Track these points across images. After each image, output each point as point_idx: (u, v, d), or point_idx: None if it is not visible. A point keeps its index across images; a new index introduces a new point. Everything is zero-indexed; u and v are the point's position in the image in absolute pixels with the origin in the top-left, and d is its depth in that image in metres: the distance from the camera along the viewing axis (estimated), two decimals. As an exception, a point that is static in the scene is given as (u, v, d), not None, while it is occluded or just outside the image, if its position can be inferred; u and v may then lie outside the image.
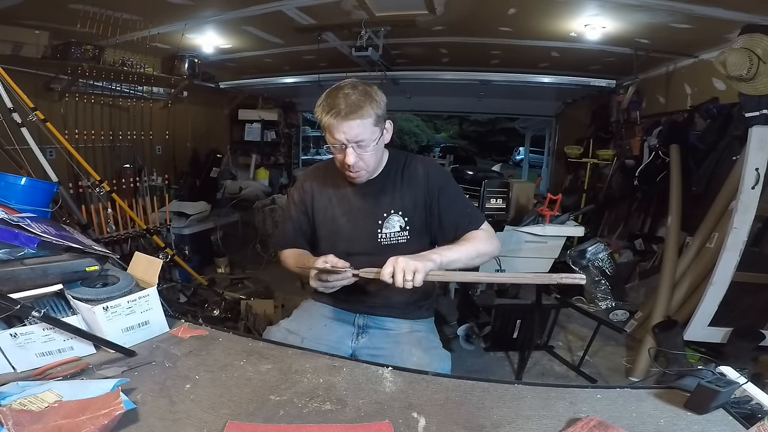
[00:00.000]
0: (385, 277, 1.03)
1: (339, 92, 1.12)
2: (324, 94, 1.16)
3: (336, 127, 1.12)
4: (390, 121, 1.22)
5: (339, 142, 1.13)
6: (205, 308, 2.83)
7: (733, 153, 2.75)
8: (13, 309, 0.84)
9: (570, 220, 2.72)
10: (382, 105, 1.16)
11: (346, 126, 1.11)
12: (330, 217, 1.30)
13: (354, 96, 1.11)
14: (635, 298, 3.32)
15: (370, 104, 1.12)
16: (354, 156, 1.14)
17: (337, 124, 1.11)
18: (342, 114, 1.10)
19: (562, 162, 5.64)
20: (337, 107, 1.10)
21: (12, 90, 2.16)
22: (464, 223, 1.26)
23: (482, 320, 2.63)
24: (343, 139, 1.12)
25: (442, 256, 1.11)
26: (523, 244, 2.60)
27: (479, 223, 1.27)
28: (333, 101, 1.11)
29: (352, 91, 1.12)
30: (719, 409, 0.83)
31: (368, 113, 1.12)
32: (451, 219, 1.26)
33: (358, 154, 1.15)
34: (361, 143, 1.13)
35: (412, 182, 1.27)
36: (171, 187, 4.32)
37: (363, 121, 1.11)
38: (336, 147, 1.15)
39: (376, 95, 1.15)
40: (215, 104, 5.65)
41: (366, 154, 1.16)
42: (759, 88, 2.28)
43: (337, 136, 1.12)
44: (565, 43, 3.56)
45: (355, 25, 3.31)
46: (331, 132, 1.13)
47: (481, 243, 1.22)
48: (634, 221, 4.12)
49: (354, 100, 1.10)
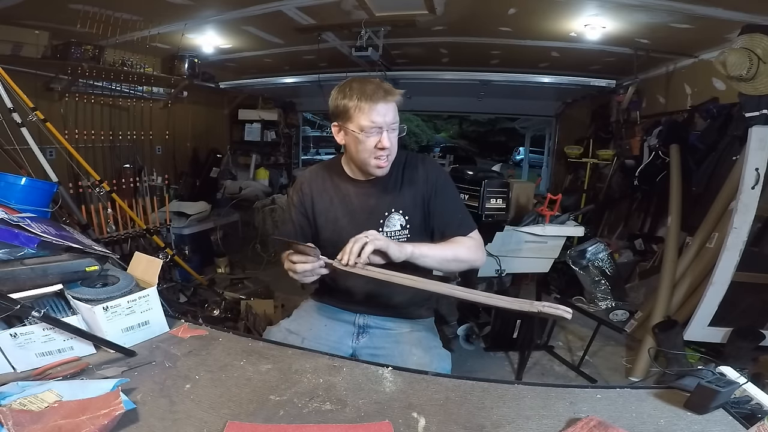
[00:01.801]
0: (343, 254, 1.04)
1: (366, 80, 1.16)
2: (345, 85, 1.18)
3: (375, 110, 1.12)
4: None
5: (376, 125, 1.13)
6: (205, 308, 2.83)
7: (733, 153, 2.75)
8: (13, 309, 0.84)
9: (570, 220, 2.72)
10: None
11: (386, 107, 1.13)
12: (332, 219, 1.29)
13: (385, 83, 1.16)
14: (635, 298, 3.32)
15: (398, 91, 1.17)
16: (388, 140, 1.15)
17: (377, 107, 1.12)
18: (382, 96, 1.12)
19: (562, 162, 5.65)
20: (374, 91, 1.12)
21: (12, 90, 2.16)
22: (453, 226, 1.26)
23: (482, 320, 2.64)
24: (381, 121, 1.13)
25: (414, 248, 1.13)
26: (523, 244, 2.60)
27: (468, 230, 1.28)
28: (365, 87, 1.14)
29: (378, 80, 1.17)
30: (719, 409, 0.83)
31: (398, 98, 1.16)
32: (440, 220, 1.27)
33: (390, 139, 1.16)
34: (393, 126, 1.16)
35: (412, 181, 1.27)
36: (171, 187, 4.31)
37: (396, 104, 1.15)
38: (371, 132, 1.14)
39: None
40: (215, 104, 5.65)
41: (394, 139, 1.18)
42: (759, 88, 2.28)
43: (376, 118, 1.13)
44: (565, 43, 3.56)
45: (355, 25, 3.31)
46: (369, 115, 1.13)
47: (463, 248, 1.23)
48: (634, 221, 4.12)
49: (387, 86, 1.15)
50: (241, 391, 0.87)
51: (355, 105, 1.13)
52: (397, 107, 1.16)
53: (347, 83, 1.18)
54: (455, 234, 1.25)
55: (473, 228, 1.30)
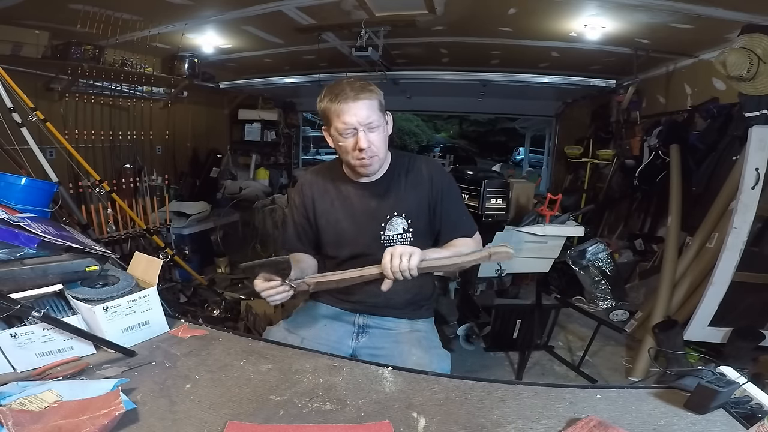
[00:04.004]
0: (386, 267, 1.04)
1: (342, 82, 1.17)
2: (325, 89, 1.20)
3: (346, 111, 1.13)
4: (390, 114, 1.25)
5: (350, 126, 1.15)
6: (205, 308, 2.83)
7: (733, 153, 2.75)
8: (13, 309, 0.84)
9: (570, 220, 2.72)
10: (381, 95, 1.20)
11: (355, 107, 1.13)
12: (333, 221, 1.29)
13: (358, 83, 1.16)
14: (635, 298, 3.31)
15: (373, 90, 1.17)
16: (366, 139, 1.15)
17: (346, 107, 1.13)
18: (351, 96, 1.13)
19: (562, 162, 5.64)
20: (345, 92, 1.14)
21: (12, 90, 2.16)
22: (459, 230, 1.29)
23: (482, 320, 2.63)
24: (354, 121, 1.14)
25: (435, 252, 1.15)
26: (523, 244, 2.59)
27: (471, 232, 1.30)
28: (339, 88, 1.15)
29: (354, 80, 1.17)
30: (719, 409, 0.83)
31: (374, 96, 1.16)
32: (448, 224, 1.28)
33: (368, 138, 1.16)
34: (370, 125, 1.15)
35: (416, 184, 1.28)
36: (171, 187, 4.31)
37: (371, 102, 1.15)
38: (347, 133, 1.16)
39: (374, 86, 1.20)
40: (215, 104, 5.64)
41: (376, 138, 1.18)
42: (759, 88, 2.27)
43: (348, 119, 1.14)
44: (565, 43, 3.56)
45: (355, 25, 3.31)
46: (341, 117, 1.14)
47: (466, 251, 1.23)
48: (634, 221, 4.12)
49: (359, 85, 1.15)
50: (241, 391, 0.87)
51: (328, 107, 1.16)
52: (375, 105, 1.16)
53: (324, 90, 1.20)
54: (461, 236, 1.28)
55: (475, 230, 1.33)
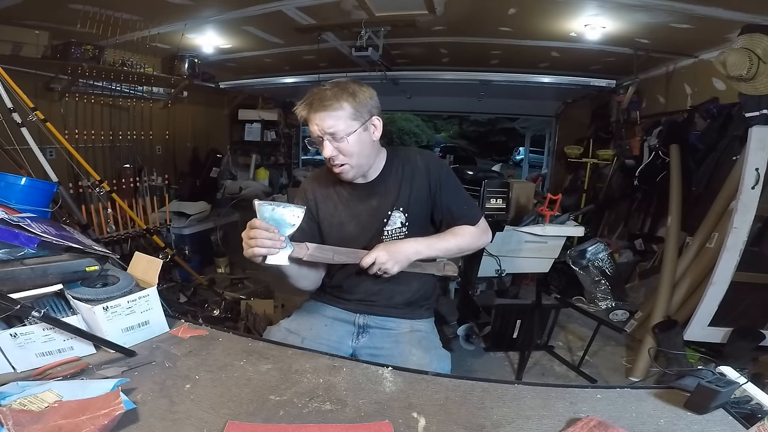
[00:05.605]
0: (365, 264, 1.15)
1: (314, 90, 1.17)
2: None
3: (311, 120, 1.15)
4: (378, 118, 1.21)
5: (315, 135, 1.17)
6: (205, 308, 2.83)
7: (733, 153, 2.75)
8: (13, 309, 0.84)
9: (570, 220, 2.72)
10: (363, 100, 1.16)
11: (317, 117, 1.14)
12: (337, 224, 1.29)
13: (330, 91, 1.14)
14: (635, 298, 3.31)
15: (346, 98, 1.14)
16: (330, 148, 1.16)
17: (311, 117, 1.15)
18: (312, 107, 1.14)
19: (562, 162, 5.64)
20: (310, 101, 1.14)
21: (12, 90, 2.15)
22: (461, 218, 1.29)
23: (482, 320, 2.63)
24: (317, 130, 1.15)
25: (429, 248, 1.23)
26: (523, 244, 2.60)
27: (475, 220, 1.30)
28: (309, 96, 1.16)
29: (330, 86, 1.16)
30: (719, 409, 0.83)
31: (341, 106, 1.13)
32: (448, 213, 1.29)
33: (335, 146, 1.16)
34: (335, 135, 1.14)
35: (413, 176, 1.27)
36: (171, 187, 4.31)
37: (334, 113, 1.13)
38: (317, 141, 1.18)
39: (357, 91, 1.16)
40: (215, 104, 5.64)
41: (345, 147, 1.16)
42: (759, 88, 2.27)
43: (312, 128, 1.16)
44: (565, 43, 3.55)
45: (355, 25, 3.31)
46: (309, 125, 1.17)
47: (468, 237, 1.28)
48: (634, 221, 4.12)
49: (328, 94, 1.14)
50: (241, 391, 0.87)
51: (300, 114, 1.18)
52: (343, 114, 1.13)
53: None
54: (461, 224, 1.29)
55: (480, 216, 1.33)
